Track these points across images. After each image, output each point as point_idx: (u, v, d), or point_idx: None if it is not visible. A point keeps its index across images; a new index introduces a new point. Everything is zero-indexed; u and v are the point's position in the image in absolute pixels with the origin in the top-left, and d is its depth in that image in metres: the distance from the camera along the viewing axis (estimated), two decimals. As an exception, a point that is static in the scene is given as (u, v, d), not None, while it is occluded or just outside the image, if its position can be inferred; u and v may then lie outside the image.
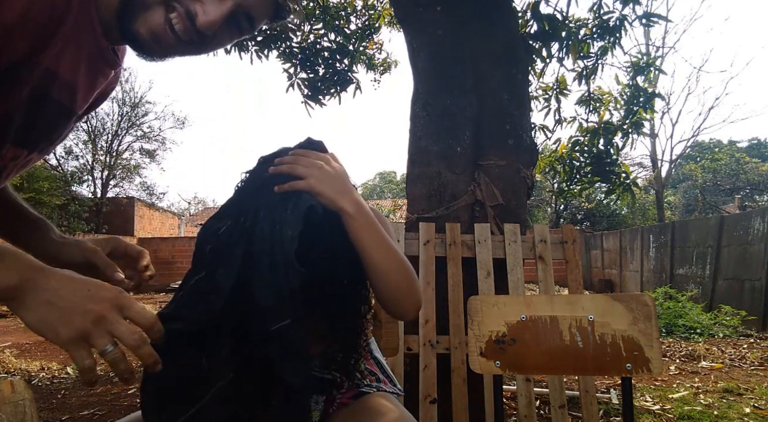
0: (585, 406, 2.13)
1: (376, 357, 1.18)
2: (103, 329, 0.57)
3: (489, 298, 1.18)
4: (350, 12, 4.72)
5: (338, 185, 0.80)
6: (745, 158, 18.32)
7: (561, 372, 1.76)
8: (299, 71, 4.35)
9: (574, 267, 2.28)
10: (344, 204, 0.79)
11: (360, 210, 0.81)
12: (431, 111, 2.47)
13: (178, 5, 0.65)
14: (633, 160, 17.56)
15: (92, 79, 0.73)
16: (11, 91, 0.61)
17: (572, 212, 17.28)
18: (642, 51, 4.23)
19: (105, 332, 0.57)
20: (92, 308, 0.57)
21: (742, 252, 6.88)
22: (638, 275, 10.26)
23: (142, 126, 16.09)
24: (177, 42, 0.68)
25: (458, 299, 2.21)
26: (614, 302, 1.12)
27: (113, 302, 0.58)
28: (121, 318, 0.58)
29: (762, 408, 2.95)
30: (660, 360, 1.07)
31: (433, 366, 2.15)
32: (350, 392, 1.02)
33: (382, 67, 5.42)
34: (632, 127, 3.92)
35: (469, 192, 2.41)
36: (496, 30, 2.59)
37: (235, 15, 0.70)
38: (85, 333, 0.56)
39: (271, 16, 0.77)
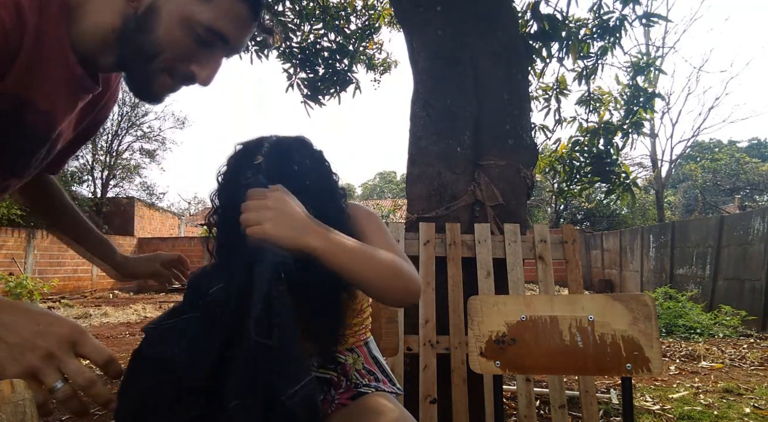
0: (585, 406, 2.13)
1: (375, 357, 1.18)
2: (52, 366, 0.56)
3: (489, 298, 1.18)
4: (350, 12, 4.72)
5: (296, 223, 0.77)
6: (745, 158, 18.32)
7: (561, 372, 1.76)
8: (299, 71, 4.36)
9: (574, 267, 2.28)
10: (309, 241, 0.76)
11: (327, 242, 0.78)
12: (431, 111, 2.47)
13: (177, 70, 0.72)
14: (633, 160, 17.57)
15: (72, 104, 0.76)
16: None
17: (572, 212, 17.28)
18: (642, 51, 4.24)
19: (54, 369, 0.56)
20: (41, 345, 0.55)
21: (742, 252, 6.88)
22: (638, 275, 10.26)
23: (142, 126, 16.11)
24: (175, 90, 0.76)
25: (458, 299, 2.21)
26: (614, 302, 1.12)
27: (65, 338, 0.57)
28: (71, 355, 0.57)
29: (762, 408, 2.95)
30: (660, 360, 1.07)
31: (433, 366, 2.15)
32: (349, 392, 1.02)
33: (382, 67, 5.42)
34: (632, 127, 3.92)
35: (469, 192, 2.41)
36: (496, 30, 2.59)
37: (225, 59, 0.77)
38: (34, 370, 0.55)
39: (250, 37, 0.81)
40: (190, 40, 0.71)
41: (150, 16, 0.69)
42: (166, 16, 0.69)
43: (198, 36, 0.71)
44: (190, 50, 0.72)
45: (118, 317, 7.96)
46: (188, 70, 0.73)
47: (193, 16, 0.69)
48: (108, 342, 5.64)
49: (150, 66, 0.71)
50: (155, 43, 0.69)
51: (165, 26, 0.69)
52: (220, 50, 0.74)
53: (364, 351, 1.15)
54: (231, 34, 0.73)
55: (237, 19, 0.73)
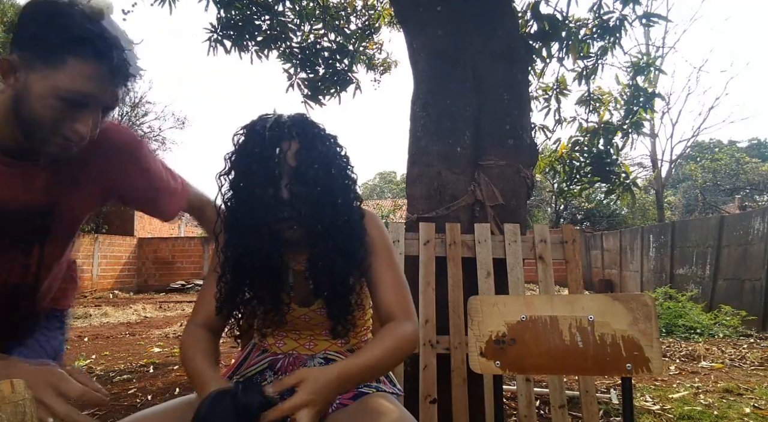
0: (585, 406, 2.12)
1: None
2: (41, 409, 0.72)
3: (489, 298, 1.18)
4: (350, 12, 4.72)
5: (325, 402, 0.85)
6: (745, 158, 18.32)
7: (561, 372, 1.76)
8: (299, 71, 4.35)
9: (574, 267, 2.28)
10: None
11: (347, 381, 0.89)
12: (431, 111, 2.47)
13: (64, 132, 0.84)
14: (633, 160, 17.58)
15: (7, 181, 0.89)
16: None
17: (572, 212, 17.28)
18: (642, 51, 4.24)
19: (44, 412, 0.73)
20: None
21: (742, 252, 6.88)
22: (638, 275, 10.26)
23: (142, 126, 16.10)
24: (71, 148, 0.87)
25: (458, 299, 2.21)
26: (614, 302, 1.12)
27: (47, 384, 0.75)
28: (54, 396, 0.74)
29: (762, 408, 2.95)
30: (660, 360, 1.07)
31: (433, 366, 2.15)
32: (350, 392, 1.03)
33: (382, 67, 5.42)
34: (632, 127, 3.92)
35: (469, 192, 2.41)
36: (496, 30, 2.59)
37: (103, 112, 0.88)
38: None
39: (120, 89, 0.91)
40: (63, 105, 0.81)
41: (26, 93, 0.81)
42: (37, 91, 0.80)
43: (66, 100, 0.81)
44: (66, 114, 0.82)
45: (118, 317, 7.96)
46: (72, 130, 0.84)
47: (55, 84, 0.80)
48: (108, 341, 5.64)
49: (39, 135, 0.83)
50: (36, 115, 0.82)
51: (37, 99, 0.81)
52: (93, 106, 0.85)
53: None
54: (94, 91, 0.83)
55: (94, 77, 0.82)
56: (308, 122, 1.00)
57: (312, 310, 1.07)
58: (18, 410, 0.65)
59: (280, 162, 0.93)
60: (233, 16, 3.90)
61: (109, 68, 0.83)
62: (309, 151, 0.95)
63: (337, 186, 0.99)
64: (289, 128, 0.95)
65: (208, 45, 3.88)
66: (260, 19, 3.99)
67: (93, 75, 0.82)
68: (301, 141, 0.95)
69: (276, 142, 0.93)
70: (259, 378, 1.07)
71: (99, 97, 0.84)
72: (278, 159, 0.93)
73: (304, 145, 0.95)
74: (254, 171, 0.93)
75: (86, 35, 0.80)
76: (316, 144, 0.97)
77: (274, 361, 1.08)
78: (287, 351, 1.10)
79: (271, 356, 1.09)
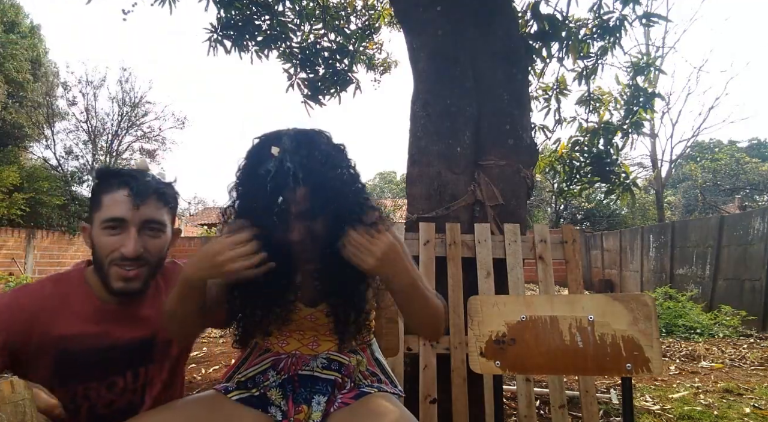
0: (585, 406, 2.12)
1: (378, 359, 1.18)
2: None
3: (489, 298, 1.18)
4: (350, 12, 4.72)
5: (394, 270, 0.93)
6: (745, 158, 18.30)
7: (561, 372, 1.76)
8: (299, 71, 4.35)
9: (574, 267, 2.28)
10: (395, 283, 0.95)
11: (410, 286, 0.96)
12: (431, 111, 2.47)
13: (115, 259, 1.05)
14: (633, 160, 17.56)
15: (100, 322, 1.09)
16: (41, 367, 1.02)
17: (572, 212, 17.28)
18: (642, 51, 4.24)
19: None
20: None
21: (742, 252, 6.88)
22: (638, 275, 10.26)
23: (142, 126, 16.11)
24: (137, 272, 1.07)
25: (458, 299, 2.21)
26: (614, 302, 1.12)
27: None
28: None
29: (762, 408, 2.95)
30: (660, 360, 1.07)
31: (433, 366, 2.15)
32: (352, 392, 1.03)
33: (382, 67, 5.42)
34: (632, 127, 3.91)
35: (469, 192, 2.41)
36: (496, 30, 2.59)
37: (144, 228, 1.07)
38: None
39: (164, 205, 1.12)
40: (107, 232, 1.05)
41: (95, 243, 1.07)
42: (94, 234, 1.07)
43: (107, 228, 1.04)
44: (112, 242, 1.04)
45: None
46: (119, 254, 1.04)
47: (99, 220, 1.05)
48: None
49: (104, 270, 1.05)
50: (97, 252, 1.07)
51: (95, 239, 1.06)
52: (127, 224, 1.05)
53: (366, 353, 1.15)
54: (122, 214, 1.04)
55: (120, 203, 1.04)
56: (314, 156, 0.94)
57: (318, 310, 1.06)
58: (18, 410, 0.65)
59: (286, 210, 0.92)
60: (233, 16, 3.90)
61: (131, 192, 1.04)
62: (317, 192, 0.92)
63: (348, 206, 0.96)
64: (294, 174, 0.90)
65: (208, 45, 3.87)
66: (260, 19, 3.98)
67: (120, 200, 1.04)
68: (307, 183, 0.91)
69: (280, 190, 0.90)
70: (261, 377, 1.07)
71: (130, 218, 1.04)
72: (283, 207, 0.91)
73: (312, 187, 0.91)
74: (260, 216, 0.92)
75: (111, 175, 1.08)
76: (324, 181, 0.92)
77: (277, 361, 1.08)
78: (290, 351, 1.09)
79: (274, 356, 1.09)
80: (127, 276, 1.05)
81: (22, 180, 11.72)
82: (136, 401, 1.12)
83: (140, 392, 1.13)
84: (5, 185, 11.13)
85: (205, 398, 1.04)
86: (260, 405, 1.03)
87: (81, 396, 1.05)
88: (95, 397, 1.07)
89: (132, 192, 1.04)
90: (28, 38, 14.18)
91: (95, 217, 1.07)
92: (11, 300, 1.03)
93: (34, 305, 1.03)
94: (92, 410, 1.07)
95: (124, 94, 15.30)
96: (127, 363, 1.10)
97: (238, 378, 1.09)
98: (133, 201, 1.04)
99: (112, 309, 1.10)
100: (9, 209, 11.15)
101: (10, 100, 13.18)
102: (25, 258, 11.32)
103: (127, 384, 1.10)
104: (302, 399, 1.01)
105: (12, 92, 13.23)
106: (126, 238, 1.04)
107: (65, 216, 12.82)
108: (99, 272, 1.07)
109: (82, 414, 1.06)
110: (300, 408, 0.99)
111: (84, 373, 1.05)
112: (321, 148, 0.96)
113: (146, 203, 1.06)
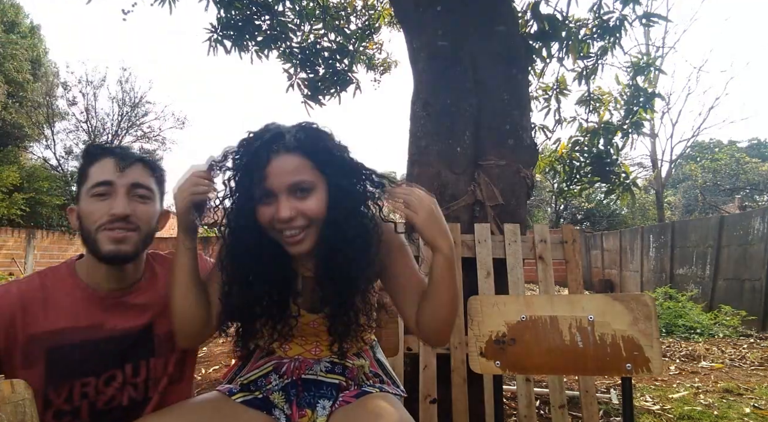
0: (585, 406, 2.13)
1: (380, 360, 1.18)
2: None
3: (489, 298, 1.18)
4: (350, 12, 4.72)
5: (440, 227, 0.94)
6: (745, 158, 18.29)
7: (561, 372, 1.76)
8: (299, 71, 4.35)
9: (574, 267, 2.28)
10: (441, 244, 0.93)
11: (452, 253, 0.94)
12: (431, 111, 2.47)
13: (105, 225, 1.02)
14: (633, 160, 17.55)
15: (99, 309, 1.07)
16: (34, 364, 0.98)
17: (572, 212, 17.28)
18: (642, 51, 4.24)
19: None
20: None
21: (742, 252, 6.87)
22: (638, 275, 10.26)
23: (142, 126, 16.09)
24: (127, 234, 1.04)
25: (458, 299, 2.21)
26: (614, 302, 1.12)
27: None
28: None
29: (762, 408, 2.95)
30: (660, 360, 1.07)
31: (433, 366, 2.15)
32: (353, 391, 1.03)
33: (382, 67, 5.42)
34: (632, 127, 3.91)
35: (469, 192, 2.40)
36: (496, 30, 2.58)
37: (131, 193, 1.05)
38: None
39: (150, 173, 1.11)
40: (95, 202, 1.03)
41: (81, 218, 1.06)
42: (81, 206, 1.06)
43: (96, 197, 1.03)
44: (100, 207, 1.03)
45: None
46: (108, 217, 1.02)
47: (87, 189, 1.04)
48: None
49: (94, 236, 1.03)
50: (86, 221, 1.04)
51: (83, 210, 1.05)
52: (114, 187, 1.04)
53: (369, 355, 1.15)
54: (109, 177, 1.04)
55: (107, 169, 1.04)
56: (311, 129, 0.98)
57: (320, 317, 1.05)
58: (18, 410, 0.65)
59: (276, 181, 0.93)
60: (233, 16, 3.90)
61: (115, 158, 1.05)
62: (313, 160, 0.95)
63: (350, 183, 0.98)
64: (287, 136, 0.94)
65: (208, 45, 3.88)
66: (260, 19, 3.98)
67: (106, 166, 1.05)
68: (300, 150, 0.94)
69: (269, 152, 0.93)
70: (263, 381, 1.06)
71: (116, 180, 1.04)
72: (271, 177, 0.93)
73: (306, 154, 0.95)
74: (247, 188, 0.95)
75: (96, 149, 1.08)
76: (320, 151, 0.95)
77: (279, 365, 1.07)
78: (293, 356, 1.08)
79: (276, 359, 1.08)
80: (117, 237, 1.02)
81: (22, 180, 11.72)
82: (139, 397, 1.08)
83: (143, 387, 1.09)
84: (5, 185, 11.13)
85: (210, 400, 1.03)
86: (265, 407, 1.02)
87: (78, 395, 1.02)
88: (93, 394, 1.03)
89: (117, 157, 1.06)
90: (28, 38, 14.19)
91: (83, 191, 1.05)
92: None
93: (13, 305, 0.99)
94: (93, 408, 1.03)
95: (124, 94, 15.30)
96: (125, 354, 1.06)
97: (242, 380, 1.08)
98: (118, 164, 1.05)
99: (104, 297, 1.06)
100: (9, 209, 11.15)
101: (10, 100, 13.18)
102: (25, 258, 11.32)
103: (126, 378, 1.06)
104: (306, 404, 1.01)
105: (12, 92, 13.23)
106: (114, 201, 1.03)
107: (65, 216, 12.82)
108: (89, 245, 1.04)
109: (83, 414, 1.02)
110: (303, 412, 0.99)
111: (79, 368, 1.01)
112: (322, 130, 0.99)
113: (132, 167, 1.06)
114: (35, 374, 0.98)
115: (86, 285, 1.07)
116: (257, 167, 0.91)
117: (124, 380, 1.06)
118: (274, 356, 1.09)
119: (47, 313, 1.01)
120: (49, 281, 1.06)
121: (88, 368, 1.03)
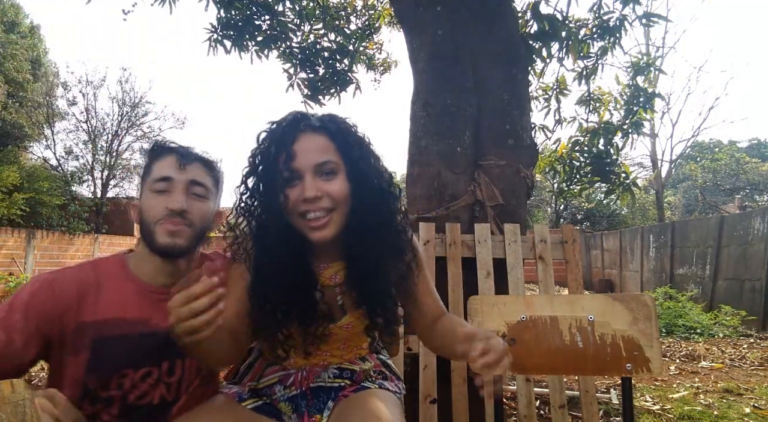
0: (585, 406, 2.12)
1: (382, 359, 1.19)
2: None
3: (489, 298, 1.18)
4: (350, 12, 4.72)
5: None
6: (745, 158, 18.28)
7: (561, 372, 1.76)
8: (299, 71, 4.35)
9: (574, 267, 2.28)
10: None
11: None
12: (431, 111, 2.47)
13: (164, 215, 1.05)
14: (633, 160, 17.53)
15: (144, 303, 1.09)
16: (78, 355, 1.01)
17: (572, 212, 17.27)
18: (642, 51, 4.24)
19: None
20: None
21: (742, 252, 6.87)
22: (638, 275, 10.26)
23: (142, 126, 16.07)
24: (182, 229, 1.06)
25: (458, 299, 2.21)
26: (614, 302, 1.12)
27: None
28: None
29: (762, 408, 2.95)
30: (660, 360, 1.07)
31: (433, 366, 2.15)
32: (353, 386, 1.04)
33: (382, 67, 5.42)
34: (632, 127, 3.91)
35: (469, 192, 2.40)
36: (496, 30, 2.58)
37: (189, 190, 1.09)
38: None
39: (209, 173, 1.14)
40: (155, 197, 1.07)
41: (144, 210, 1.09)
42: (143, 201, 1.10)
43: (156, 192, 1.07)
44: (159, 201, 1.06)
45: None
46: (166, 210, 1.05)
47: (149, 184, 1.09)
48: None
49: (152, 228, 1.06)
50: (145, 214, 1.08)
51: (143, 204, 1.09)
52: (173, 183, 1.08)
53: (373, 356, 1.15)
54: (169, 173, 1.08)
55: (168, 165, 1.09)
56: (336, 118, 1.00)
57: (337, 326, 1.03)
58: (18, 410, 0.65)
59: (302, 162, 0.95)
60: (233, 16, 3.90)
61: (177, 155, 1.10)
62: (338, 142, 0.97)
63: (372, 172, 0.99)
64: (312, 118, 0.97)
65: (208, 45, 3.88)
66: (260, 19, 3.98)
67: (168, 163, 1.09)
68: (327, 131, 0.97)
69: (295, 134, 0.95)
70: (268, 390, 1.06)
71: (176, 176, 1.08)
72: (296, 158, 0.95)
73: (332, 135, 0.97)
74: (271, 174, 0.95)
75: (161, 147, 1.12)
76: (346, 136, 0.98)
77: (285, 377, 1.07)
78: (299, 367, 1.07)
79: (281, 370, 1.07)
80: (173, 230, 1.05)
81: (22, 180, 11.71)
82: (170, 398, 1.09)
83: (175, 387, 1.09)
84: (5, 185, 11.13)
85: (223, 407, 1.02)
86: (274, 413, 1.02)
87: (115, 385, 1.03)
88: (129, 387, 1.04)
89: (178, 155, 1.10)
90: (28, 38, 14.17)
91: (145, 185, 1.10)
92: (43, 285, 1.01)
93: (68, 291, 1.01)
94: (124, 402, 1.04)
95: (124, 94, 15.25)
96: (164, 352, 1.07)
97: (250, 385, 1.07)
98: (179, 161, 1.09)
99: (154, 292, 1.08)
100: (9, 209, 11.15)
101: (10, 100, 13.18)
102: (25, 258, 11.31)
103: (161, 376, 1.07)
104: (316, 410, 1.02)
105: (12, 92, 13.22)
106: (172, 196, 1.06)
107: (65, 216, 12.81)
108: (146, 238, 1.07)
109: (115, 405, 1.03)
110: (314, 419, 1.00)
111: (120, 360, 1.03)
112: (346, 120, 1.01)
113: (191, 165, 1.10)
114: (80, 361, 1.01)
115: (138, 279, 1.09)
116: (284, 145, 0.92)
117: (159, 377, 1.08)
118: (278, 366, 1.08)
119: (98, 302, 1.04)
120: (102, 271, 1.08)
121: (128, 360, 1.04)
